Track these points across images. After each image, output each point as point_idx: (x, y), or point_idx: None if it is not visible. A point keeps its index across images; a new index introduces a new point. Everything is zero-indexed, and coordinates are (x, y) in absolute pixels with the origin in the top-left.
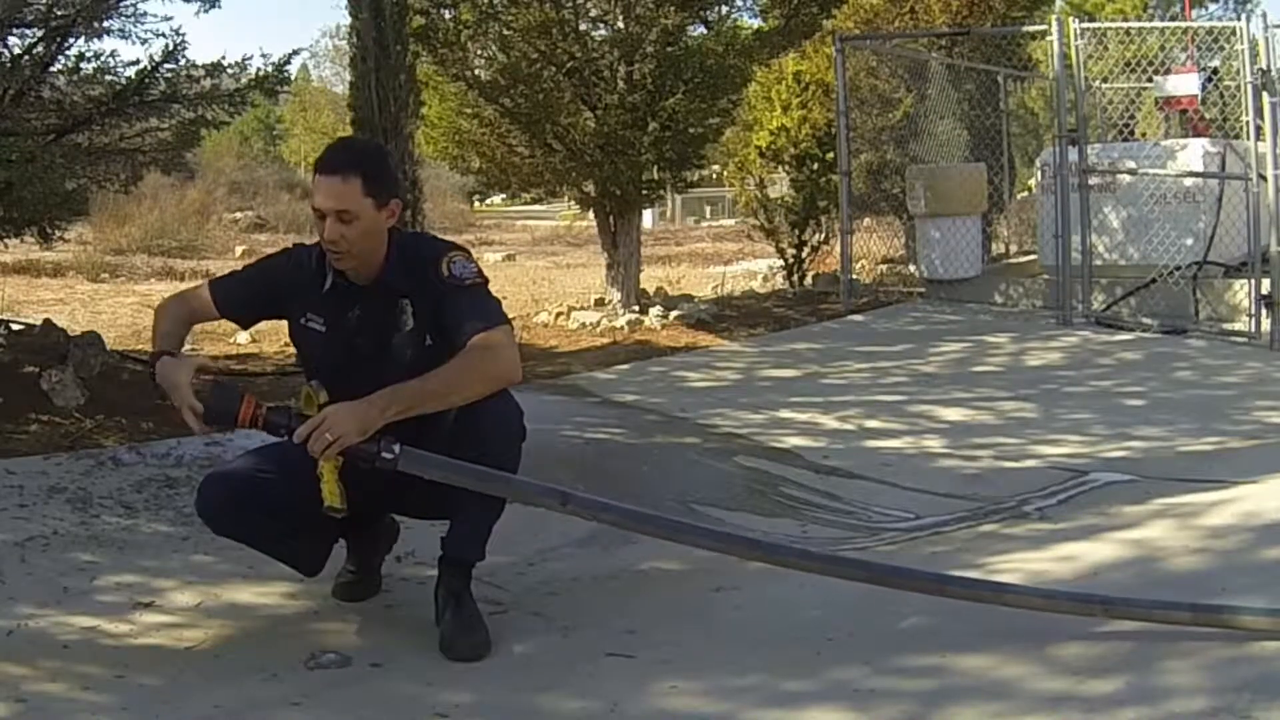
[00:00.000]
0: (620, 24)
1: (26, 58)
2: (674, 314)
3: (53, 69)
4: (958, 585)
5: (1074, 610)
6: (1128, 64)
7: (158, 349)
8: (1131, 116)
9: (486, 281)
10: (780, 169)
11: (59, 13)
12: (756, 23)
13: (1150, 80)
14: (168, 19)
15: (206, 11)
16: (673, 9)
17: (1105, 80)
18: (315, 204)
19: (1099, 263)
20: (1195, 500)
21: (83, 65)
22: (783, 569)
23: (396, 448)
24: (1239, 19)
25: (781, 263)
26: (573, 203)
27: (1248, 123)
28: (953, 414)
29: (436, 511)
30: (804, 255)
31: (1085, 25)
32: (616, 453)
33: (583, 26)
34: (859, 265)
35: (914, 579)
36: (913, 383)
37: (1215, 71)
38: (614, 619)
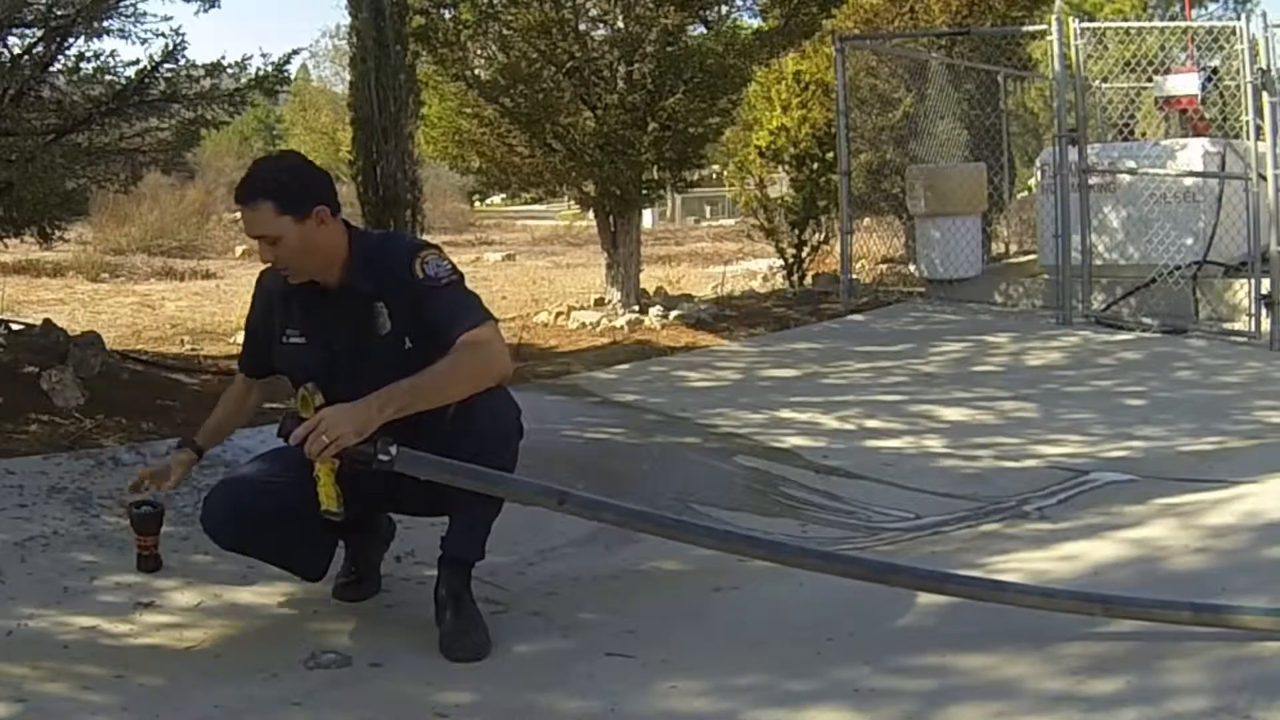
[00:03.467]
0: (620, 24)
1: (26, 58)
2: (674, 314)
3: (53, 69)
4: (957, 582)
5: (1074, 608)
6: (1127, 64)
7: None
8: (1131, 116)
9: (462, 278)
10: (780, 169)
11: (59, 13)
12: (756, 22)
13: (1150, 80)
14: (168, 19)
15: (206, 11)
16: (673, 9)
17: (1105, 80)
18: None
19: (1099, 262)
20: (1195, 500)
21: (83, 65)
22: (783, 569)
23: (393, 449)
24: (1239, 19)
25: (781, 263)
26: (573, 203)
27: (1248, 123)
28: (953, 414)
29: (435, 509)
30: (804, 255)
31: (1085, 25)
32: (616, 453)
33: (583, 26)
34: (859, 265)
35: (913, 576)
36: (913, 382)
37: (1215, 71)
38: (614, 619)
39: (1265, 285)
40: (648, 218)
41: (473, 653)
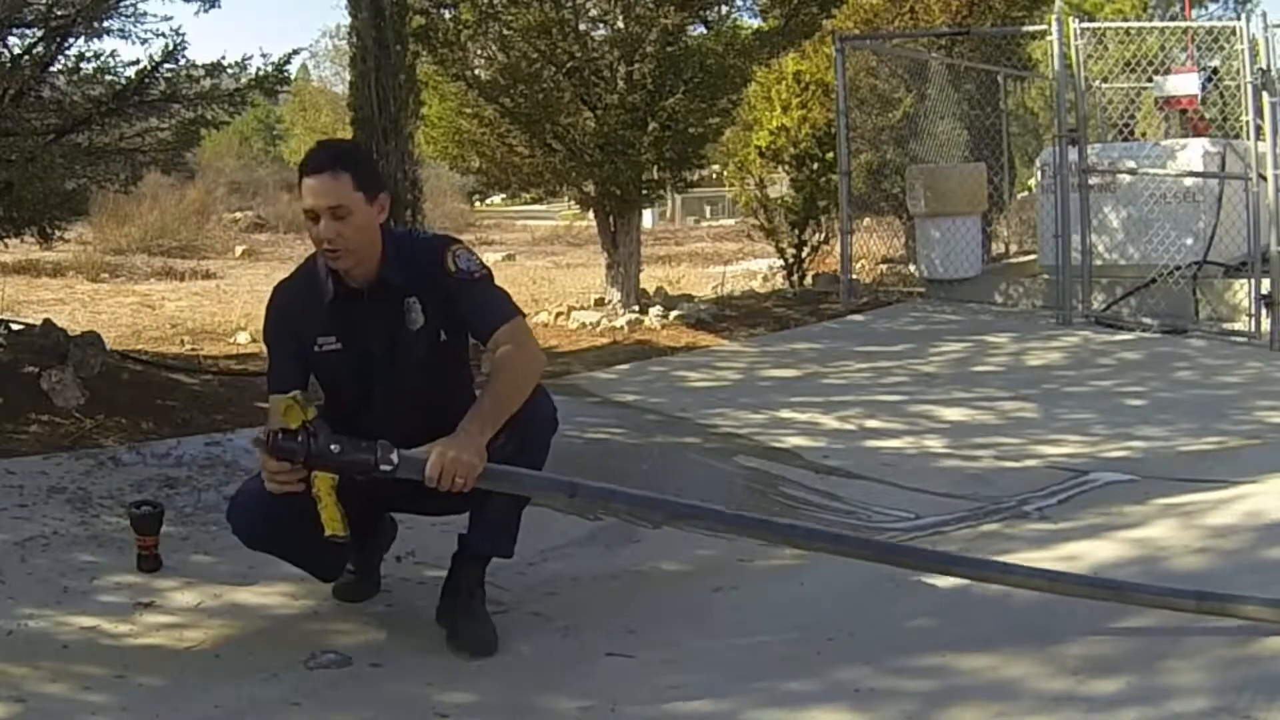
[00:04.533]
0: (620, 24)
1: (26, 58)
2: (674, 314)
3: (53, 69)
4: (965, 564)
5: (1080, 593)
6: (1127, 64)
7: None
8: (1131, 116)
9: (491, 273)
10: (780, 169)
11: (59, 13)
12: (756, 23)
13: (1150, 80)
14: (168, 19)
15: (206, 11)
16: (673, 9)
17: (1105, 80)
18: (307, 206)
19: (1099, 263)
20: (1196, 500)
21: (83, 65)
22: (783, 569)
23: (394, 456)
24: (1239, 19)
25: (781, 263)
26: (573, 203)
27: (1248, 123)
28: (953, 414)
29: (458, 507)
30: (804, 255)
31: (1085, 25)
32: (617, 453)
33: (583, 26)
34: (859, 265)
35: (921, 558)
36: (913, 382)
37: (1215, 71)
38: (614, 619)
39: (1265, 285)
40: (648, 218)
41: (485, 649)
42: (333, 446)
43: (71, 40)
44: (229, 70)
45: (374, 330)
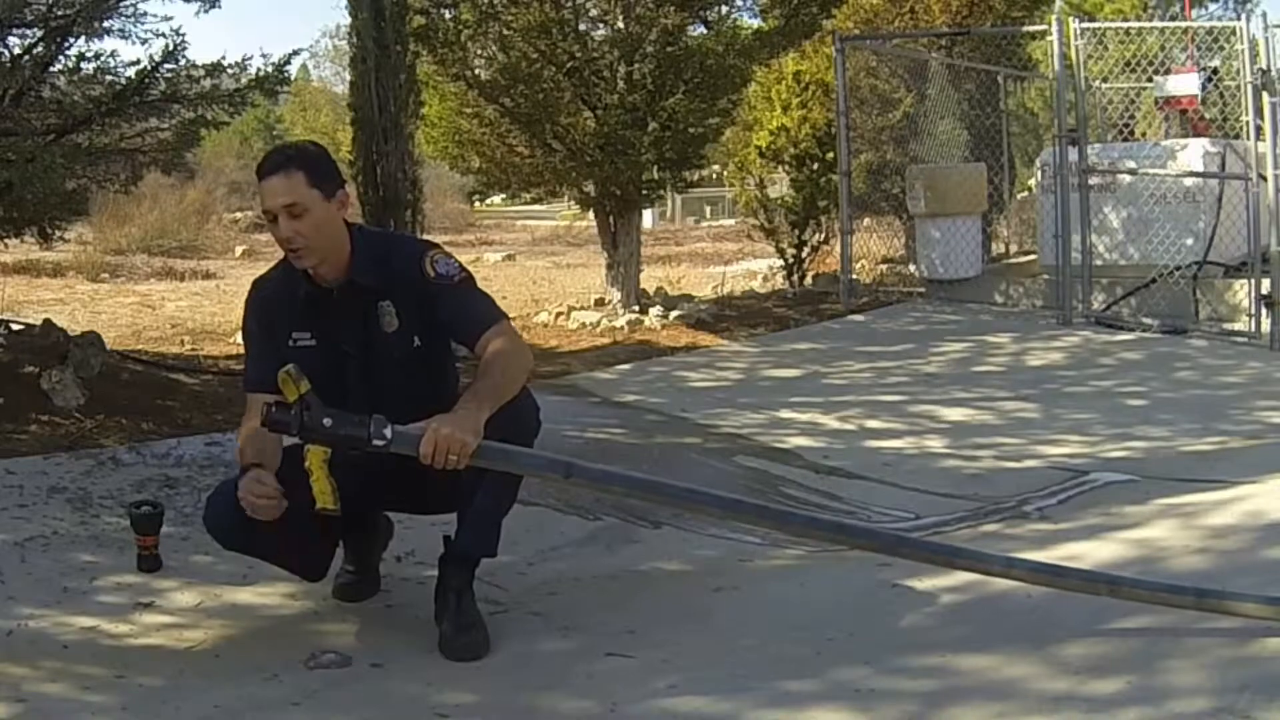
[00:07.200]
0: (620, 24)
1: (26, 58)
2: (674, 314)
3: (53, 69)
4: (968, 557)
5: (1080, 588)
6: (1128, 64)
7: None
8: (1131, 116)
9: (471, 276)
10: (780, 169)
11: (59, 13)
12: (756, 23)
13: (1150, 80)
14: (168, 19)
15: (206, 11)
16: (673, 9)
17: (1105, 80)
18: (264, 208)
19: (1099, 263)
20: (1197, 500)
21: (83, 65)
22: (783, 569)
23: (388, 431)
24: (1239, 19)
25: (781, 263)
26: (573, 203)
27: (1248, 123)
28: (953, 414)
29: (442, 506)
30: (804, 255)
31: (1085, 25)
32: (617, 453)
33: (583, 26)
34: (859, 265)
35: (924, 550)
36: (913, 383)
37: (1215, 71)
38: (614, 619)
39: (1265, 285)
40: (648, 218)
41: (471, 652)
42: (326, 420)
43: (71, 40)
44: (229, 70)
45: (347, 331)
